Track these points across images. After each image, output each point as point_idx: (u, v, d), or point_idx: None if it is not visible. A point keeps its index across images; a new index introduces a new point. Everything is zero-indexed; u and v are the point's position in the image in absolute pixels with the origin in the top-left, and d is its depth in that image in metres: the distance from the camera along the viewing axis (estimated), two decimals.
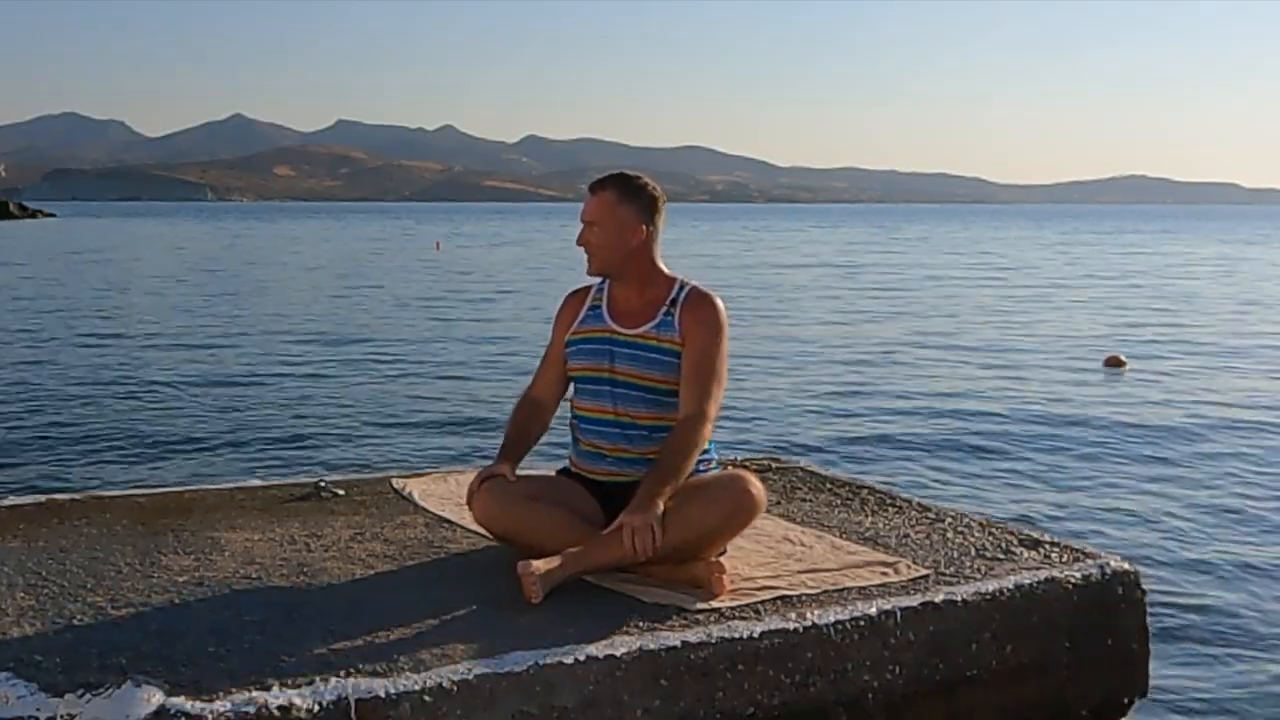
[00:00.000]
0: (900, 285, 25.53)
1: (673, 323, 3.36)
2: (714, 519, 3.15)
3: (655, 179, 3.52)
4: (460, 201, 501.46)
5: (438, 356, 13.05)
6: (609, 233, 3.36)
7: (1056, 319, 17.90)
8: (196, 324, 16.36)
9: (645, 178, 3.46)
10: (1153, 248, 49.36)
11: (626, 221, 3.36)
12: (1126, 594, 3.39)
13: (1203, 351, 13.79)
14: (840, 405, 9.94)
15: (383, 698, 2.46)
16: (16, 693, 2.41)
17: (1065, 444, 8.19)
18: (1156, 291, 23.80)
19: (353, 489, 4.21)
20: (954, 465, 7.51)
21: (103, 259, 35.50)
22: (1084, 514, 6.26)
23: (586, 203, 3.41)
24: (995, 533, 3.74)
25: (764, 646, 2.85)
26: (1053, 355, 13.34)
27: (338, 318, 17.41)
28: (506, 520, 3.32)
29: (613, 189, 3.38)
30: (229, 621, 2.84)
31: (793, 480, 4.47)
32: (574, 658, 2.66)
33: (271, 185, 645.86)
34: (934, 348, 14.04)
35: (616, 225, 3.36)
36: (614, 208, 3.36)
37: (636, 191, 3.39)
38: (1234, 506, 6.44)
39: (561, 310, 3.58)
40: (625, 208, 3.36)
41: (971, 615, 3.13)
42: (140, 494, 4.18)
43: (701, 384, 3.29)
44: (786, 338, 15.04)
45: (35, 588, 3.07)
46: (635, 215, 3.37)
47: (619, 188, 3.38)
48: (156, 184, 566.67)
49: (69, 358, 12.60)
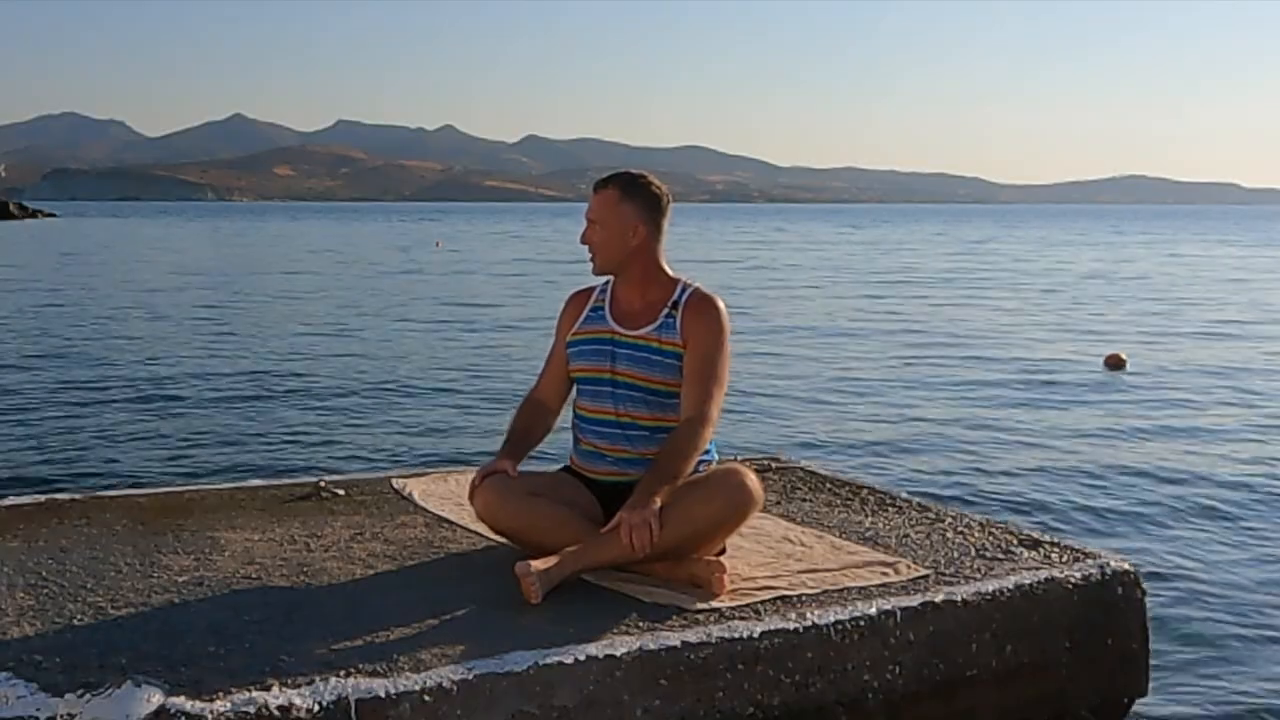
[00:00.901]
0: (900, 285, 25.52)
1: (674, 325, 3.36)
2: (711, 514, 3.15)
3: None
4: (460, 201, 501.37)
5: (438, 356, 13.05)
6: (610, 231, 3.37)
7: (1056, 318, 17.90)
8: (196, 323, 16.36)
9: (651, 177, 3.46)
10: (1162, 249, 49.30)
11: (627, 220, 3.36)
12: (1126, 594, 3.39)
13: (1204, 351, 13.79)
14: (840, 405, 9.94)
15: (383, 698, 2.47)
16: (16, 693, 2.41)
17: (1065, 443, 8.19)
18: (1157, 291, 23.79)
19: (353, 489, 4.21)
20: (954, 465, 7.51)
21: (103, 259, 35.49)
22: (1084, 514, 6.26)
23: (591, 201, 3.42)
24: (995, 533, 3.75)
25: (764, 646, 2.85)
26: (1053, 354, 13.33)
27: (338, 317, 17.41)
28: (507, 516, 3.32)
29: (615, 187, 3.39)
30: (229, 621, 2.84)
31: (793, 480, 4.47)
32: (574, 658, 2.66)
33: (271, 185, 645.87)
34: (934, 347, 14.04)
35: (618, 223, 3.36)
36: (616, 206, 3.37)
37: (639, 190, 3.40)
38: (1234, 506, 6.44)
39: (564, 310, 3.58)
40: (627, 205, 3.37)
41: (971, 615, 3.13)
42: (140, 494, 4.19)
43: (703, 386, 3.29)
44: (787, 337, 15.04)
45: (35, 588, 3.07)
46: (636, 213, 3.37)
47: (622, 186, 3.40)
48: (157, 184, 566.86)
49: (69, 357, 12.60)
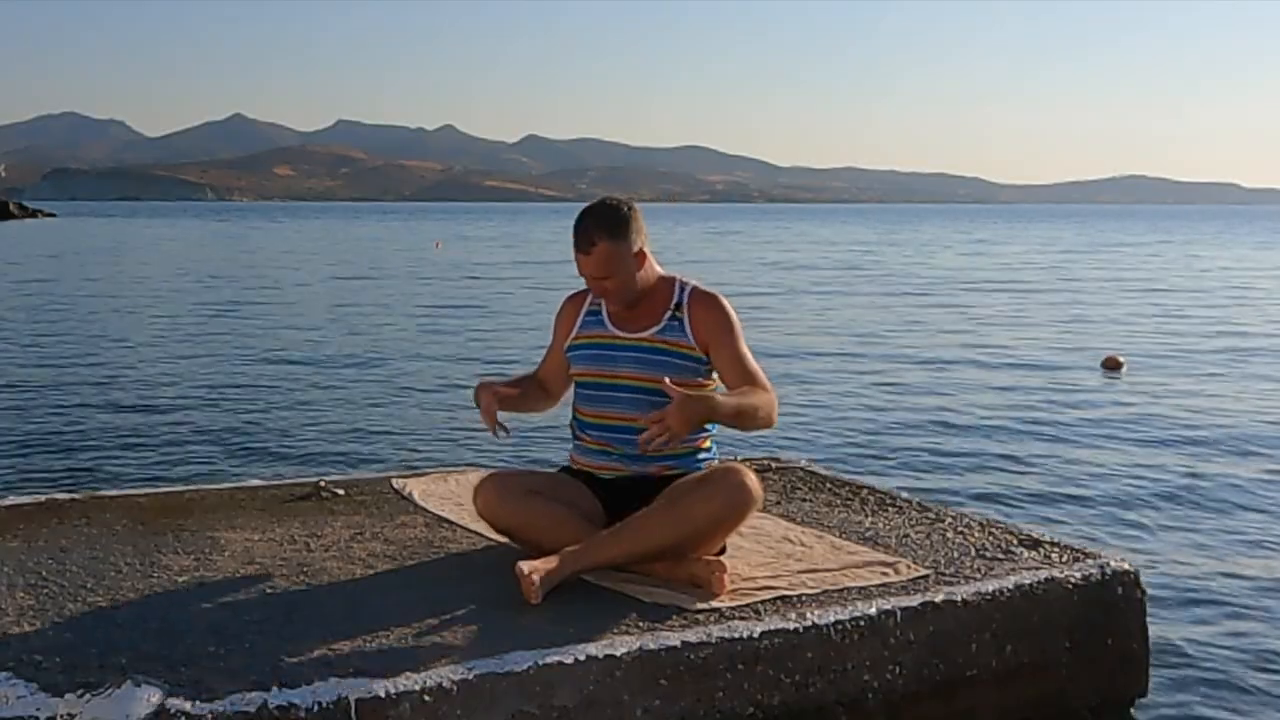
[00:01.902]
0: (901, 285, 25.51)
1: (681, 326, 3.36)
2: (711, 512, 3.15)
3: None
4: (460, 201, 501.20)
5: (438, 356, 13.04)
6: (622, 275, 3.35)
7: (1055, 319, 17.89)
8: (196, 323, 16.35)
9: (610, 200, 3.41)
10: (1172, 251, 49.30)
11: (630, 256, 3.36)
12: (1126, 594, 3.39)
13: (1202, 351, 13.78)
14: (840, 405, 9.94)
15: (383, 698, 2.47)
16: (16, 693, 2.41)
17: (1064, 444, 8.18)
18: (1157, 291, 23.78)
19: (353, 489, 4.22)
20: (954, 465, 7.50)
21: (103, 258, 35.47)
22: (1084, 514, 6.25)
23: (583, 261, 3.34)
24: (995, 533, 3.75)
25: (764, 646, 2.85)
26: (1051, 356, 13.33)
27: (338, 317, 17.40)
28: (508, 514, 3.33)
29: (604, 238, 3.32)
30: (229, 621, 2.84)
31: (793, 480, 4.48)
32: (574, 657, 2.66)
33: (271, 185, 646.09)
34: (934, 347, 14.03)
35: (625, 266, 3.35)
36: (616, 253, 3.33)
37: (620, 223, 3.34)
38: (1233, 506, 6.44)
39: (560, 314, 3.59)
40: (623, 245, 3.34)
41: (971, 615, 3.13)
42: (140, 494, 4.19)
43: (748, 377, 3.35)
44: (787, 337, 15.04)
45: (35, 588, 3.07)
46: (631, 245, 3.36)
47: (607, 233, 3.33)
48: (156, 184, 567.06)
49: (69, 357, 12.59)
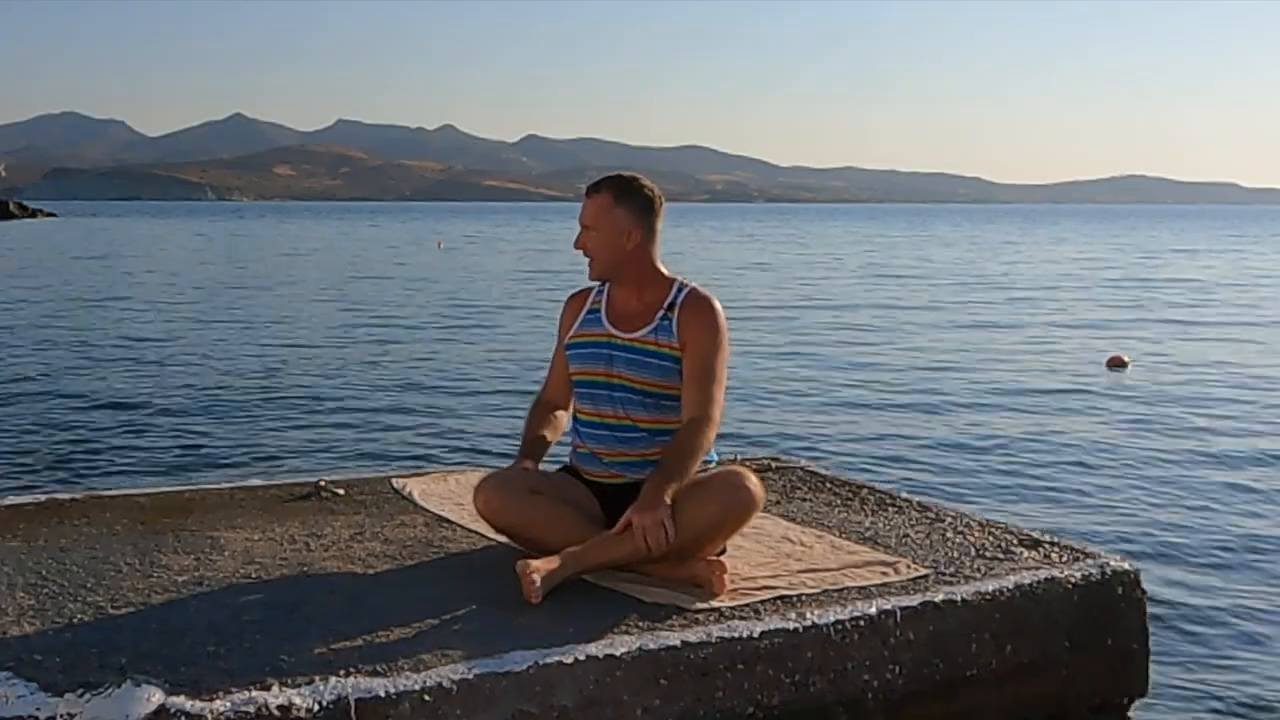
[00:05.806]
0: (902, 285, 25.51)
1: (670, 327, 3.34)
2: (712, 515, 3.15)
3: (655, 179, 3.51)
4: (460, 201, 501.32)
5: (439, 355, 13.04)
6: (605, 236, 3.35)
7: (1058, 318, 17.89)
8: (196, 323, 16.35)
9: (643, 179, 3.44)
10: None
11: (622, 224, 3.34)
12: (1126, 594, 3.39)
13: (1205, 351, 13.78)
14: (841, 405, 9.94)
15: (383, 698, 2.47)
16: (16, 693, 2.41)
17: (1066, 444, 8.18)
18: (1159, 291, 23.78)
19: (353, 489, 4.22)
20: (954, 465, 7.50)
21: (103, 258, 35.47)
22: (1084, 514, 6.25)
23: (584, 206, 3.39)
24: (995, 533, 3.75)
25: (764, 646, 2.85)
26: (1055, 355, 13.33)
27: (338, 317, 17.40)
28: (508, 513, 3.32)
29: (609, 190, 3.37)
30: (229, 621, 2.84)
31: (793, 480, 4.48)
32: (573, 657, 2.66)
33: (271, 185, 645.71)
34: (935, 347, 14.03)
35: (612, 228, 3.34)
36: (610, 209, 3.35)
37: (632, 193, 3.37)
38: (1234, 506, 6.44)
39: (563, 313, 3.58)
40: (620, 209, 3.35)
41: (971, 615, 3.13)
42: (140, 494, 4.19)
43: (704, 388, 3.29)
44: (787, 337, 15.03)
45: (35, 588, 3.07)
46: (630, 217, 3.35)
47: (615, 189, 3.37)
48: (156, 183, 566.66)
49: (69, 357, 12.60)
